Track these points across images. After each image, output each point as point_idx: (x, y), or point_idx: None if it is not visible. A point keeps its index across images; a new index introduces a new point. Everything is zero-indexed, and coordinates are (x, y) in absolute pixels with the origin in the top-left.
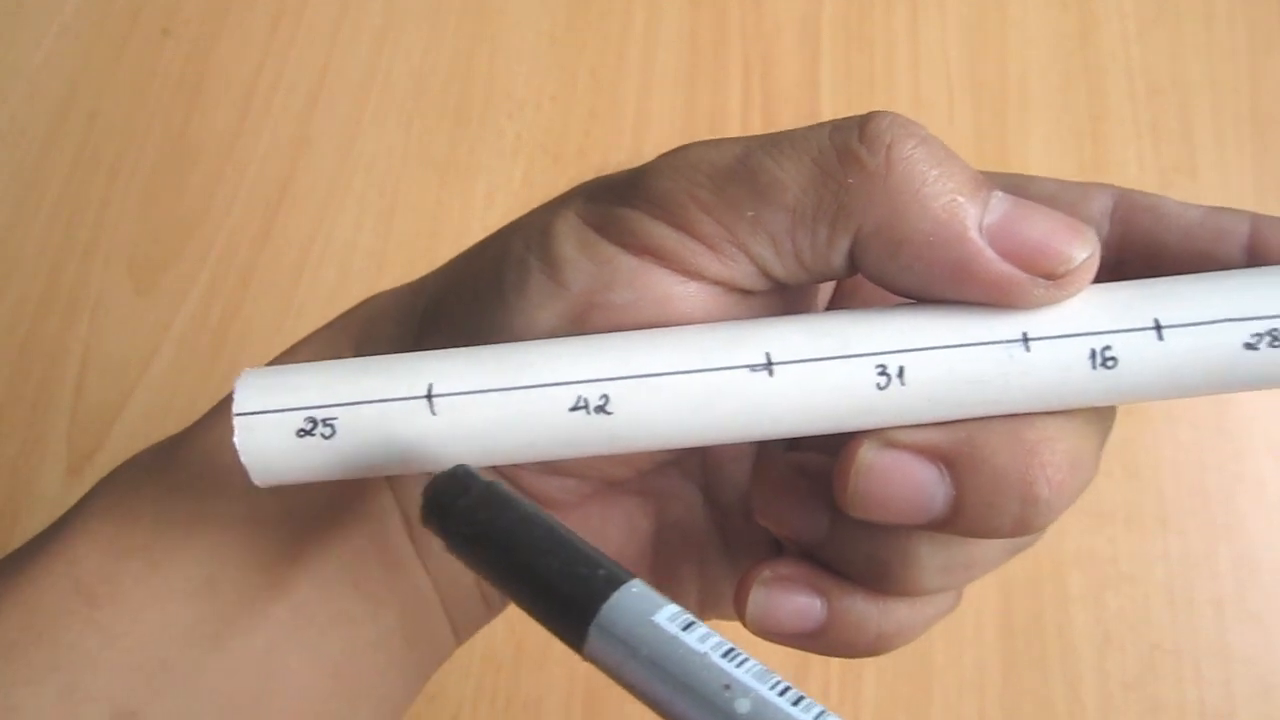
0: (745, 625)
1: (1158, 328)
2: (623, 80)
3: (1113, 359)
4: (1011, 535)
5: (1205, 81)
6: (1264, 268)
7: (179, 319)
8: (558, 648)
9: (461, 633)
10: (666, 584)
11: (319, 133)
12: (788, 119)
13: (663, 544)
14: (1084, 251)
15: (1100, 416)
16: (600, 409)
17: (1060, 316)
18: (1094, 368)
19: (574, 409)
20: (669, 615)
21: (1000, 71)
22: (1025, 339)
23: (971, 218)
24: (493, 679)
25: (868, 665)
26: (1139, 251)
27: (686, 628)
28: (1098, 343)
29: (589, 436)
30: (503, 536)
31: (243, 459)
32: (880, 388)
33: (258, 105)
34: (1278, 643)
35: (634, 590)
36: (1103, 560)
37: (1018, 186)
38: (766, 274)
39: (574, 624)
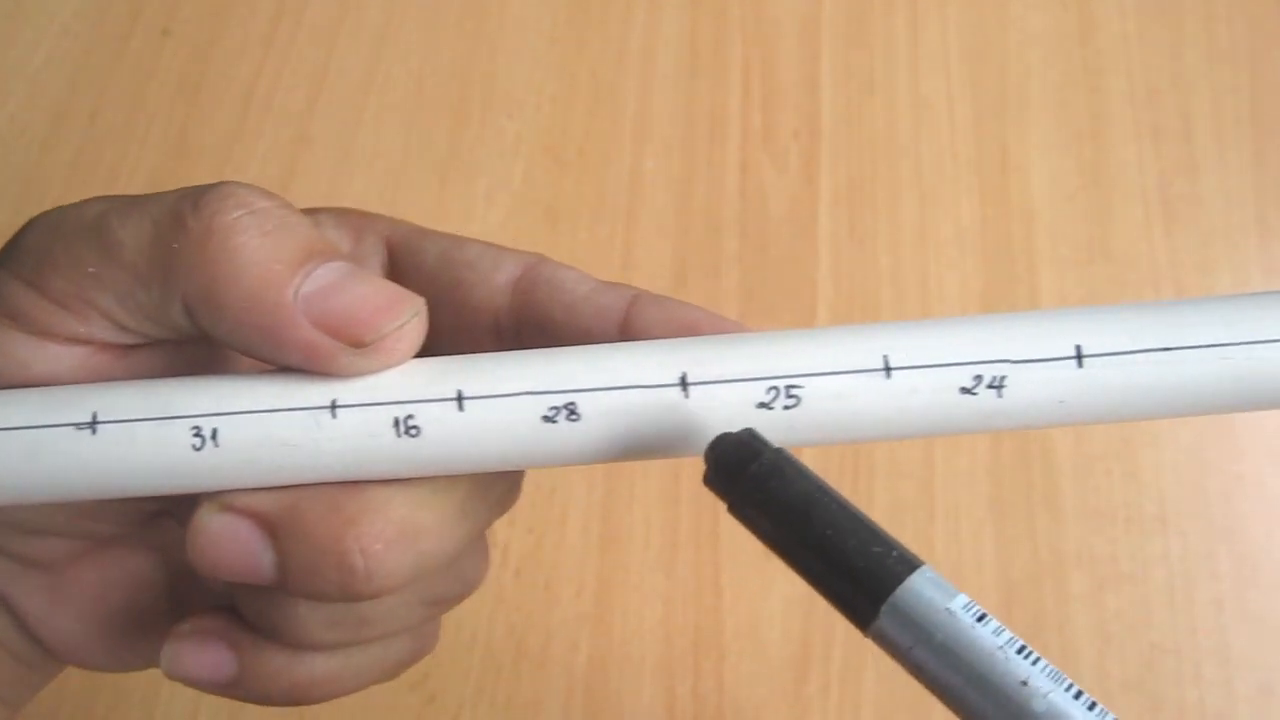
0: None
1: (459, 399)
2: (623, 80)
3: (415, 428)
4: (343, 600)
5: (1205, 81)
6: (572, 348)
7: None
8: (558, 649)
9: (12, 702)
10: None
11: (319, 133)
12: (788, 119)
13: (182, 592)
14: (394, 323)
15: (454, 485)
16: None
17: (371, 385)
18: (398, 436)
19: None
20: (963, 604)
21: (1000, 71)
22: (334, 406)
23: (287, 286)
24: (493, 679)
25: (868, 665)
26: (534, 323)
27: (980, 619)
28: (401, 411)
29: None
30: (795, 506)
31: None
32: (196, 449)
33: (258, 105)
34: (1278, 643)
35: (929, 575)
36: (1103, 560)
37: (444, 250)
38: (124, 330)
39: (865, 602)
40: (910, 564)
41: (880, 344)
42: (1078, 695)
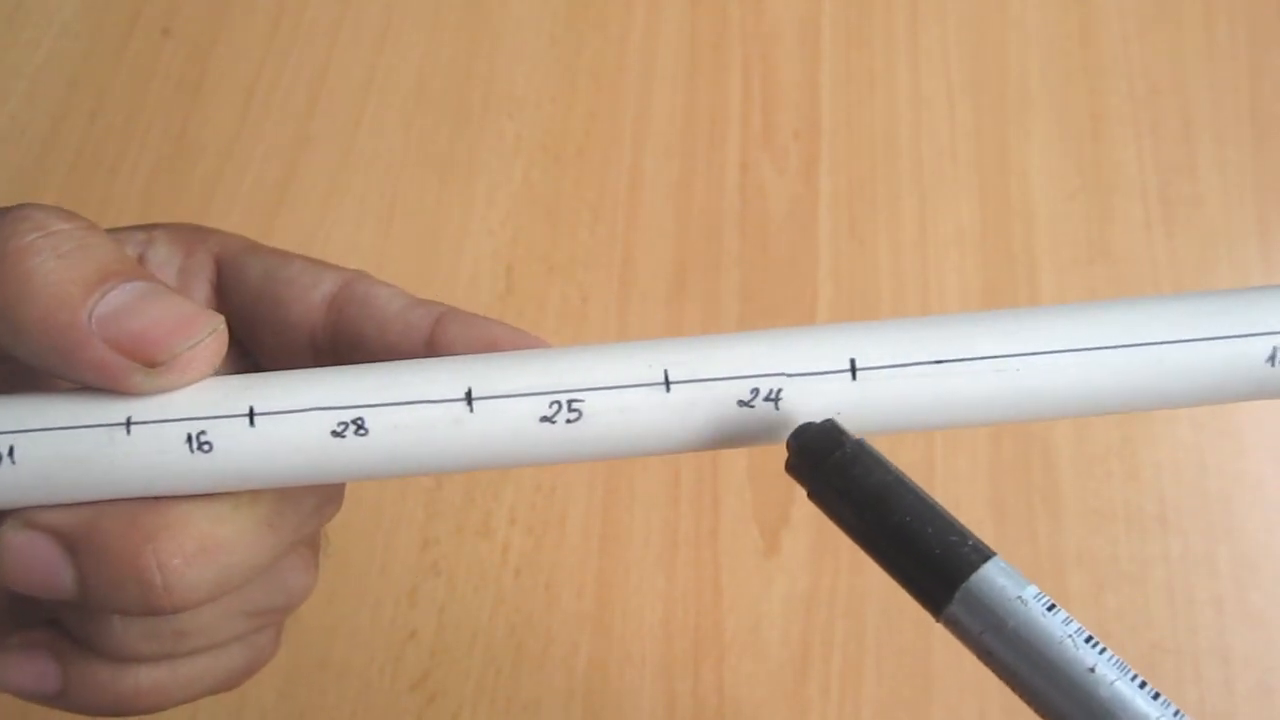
0: None
1: (251, 415)
2: (623, 80)
3: (208, 444)
4: (146, 614)
5: (1205, 81)
6: (363, 365)
7: None
8: (558, 649)
9: None
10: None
11: (319, 133)
12: (788, 119)
13: (20, 608)
14: (187, 342)
15: (257, 500)
16: None
17: (165, 402)
18: (191, 452)
19: None
20: (1034, 594)
21: (1000, 71)
22: (129, 423)
23: (81, 307)
24: (493, 680)
25: (868, 665)
26: (348, 340)
27: (1050, 609)
28: (194, 428)
29: None
30: (875, 495)
31: None
32: None
33: (258, 105)
34: (1278, 643)
35: (1001, 565)
36: (1103, 560)
37: (269, 267)
38: None
39: (940, 588)
40: (984, 554)
41: (660, 358)
42: (1142, 685)
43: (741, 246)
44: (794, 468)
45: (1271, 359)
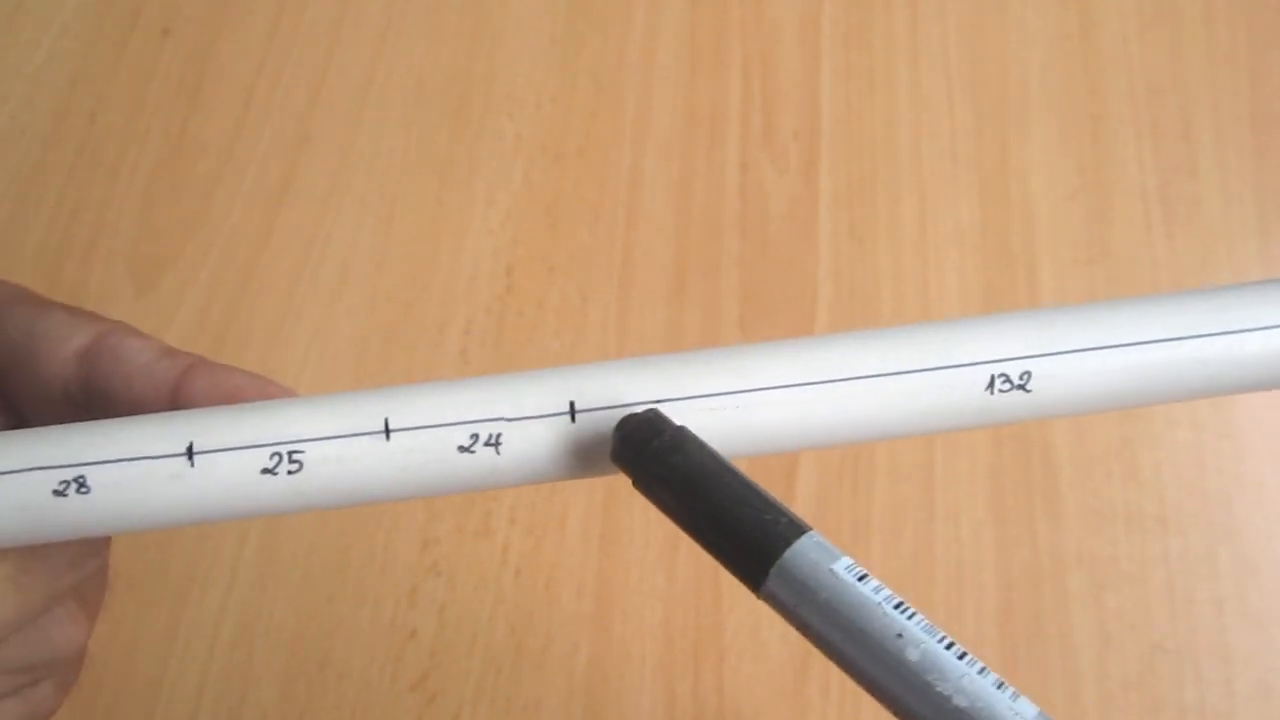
0: None
1: None
2: (623, 80)
3: None
4: None
5: (1205, 81)
6: (86, 422)
7: (179, 319)
8: (558, 649)
9: None
10: None
11: (319, 133)
12: (788, 119)
13: None
14: None
15: (2, 560)
16: None
17: None
18: None
19: None
20: (845, 565)
21: (1000, 71)
22: None
23: None
24: (493, 680)
25: None
26: (99, 394)
27: (861, 579)
28: None
29: None
30: (694, 479)
31: None
32: None
33: (258, 105)
34: (1278, 643)
35: (815, 539)
36: (1103, 560)
37: (27, 319)
38: None
39: (757, 565)
40: (799, 529)
41: (381, 406)
42: (949, 646)
43: (741, 246)
44: (618, 457)
45: (990, 386)
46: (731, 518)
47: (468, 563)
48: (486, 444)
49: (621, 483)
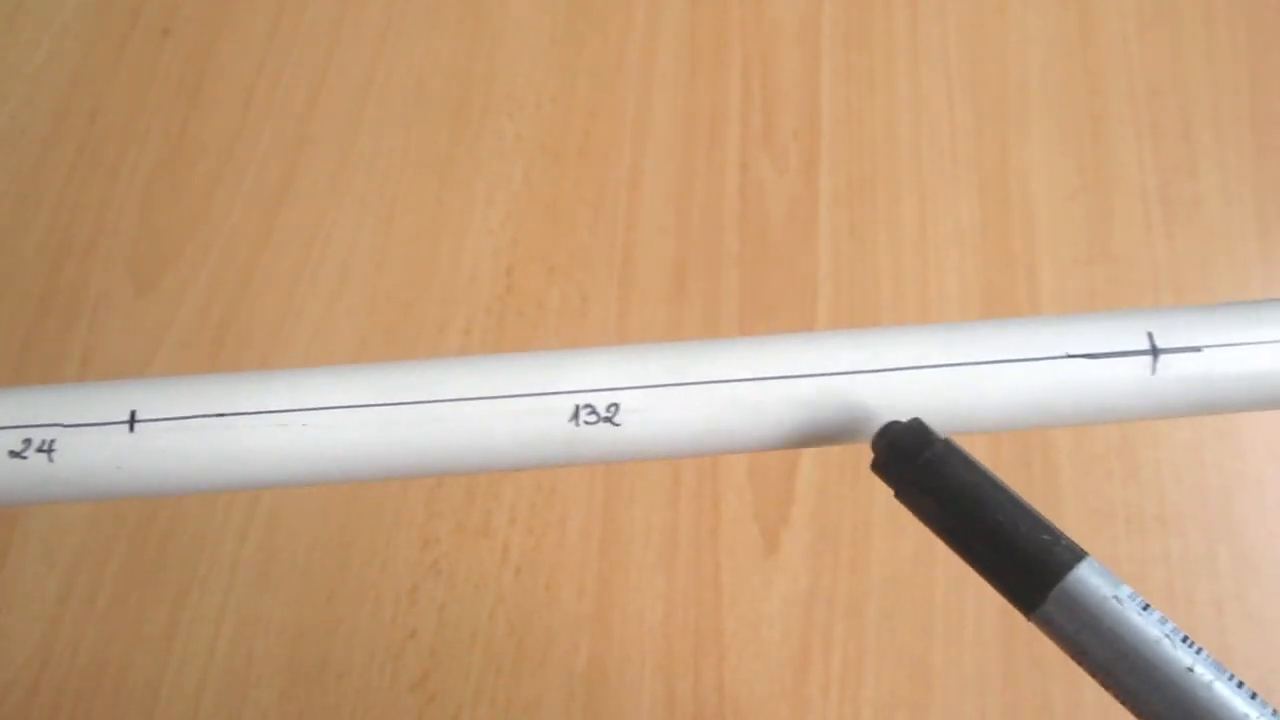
0: None
1: None
2: (623, 80)
3: None
4: None
5: (1205, 81)
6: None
7: (179, 319)
8: (558, 649)
9: None
10: None
11: (319, 133)
12: (788, 119)
13: None
14: None
15: None
16: None
17: None
18: None
19: None
20: (1129, 594)
21: (1000, 71)
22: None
23: None
24: (493, 680)
25: (868, 665)
26: None
27: (1145, 609)
28: None
29: None
30: (966, 494)
31: None
32: None
33: (258, 105)
34: (1278, 643)
35: (1096, 565)
36: (1103, 560)
37: None
38: None
39: (1034, 587)
40: (1077, 553)
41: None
42: (1240, 685)
43: (741, 246)
44: (881, 467)
45: (575, 417)
46: (1008, 536)
47: (468, 562)
48: (40, 450)
49: (622, 482)
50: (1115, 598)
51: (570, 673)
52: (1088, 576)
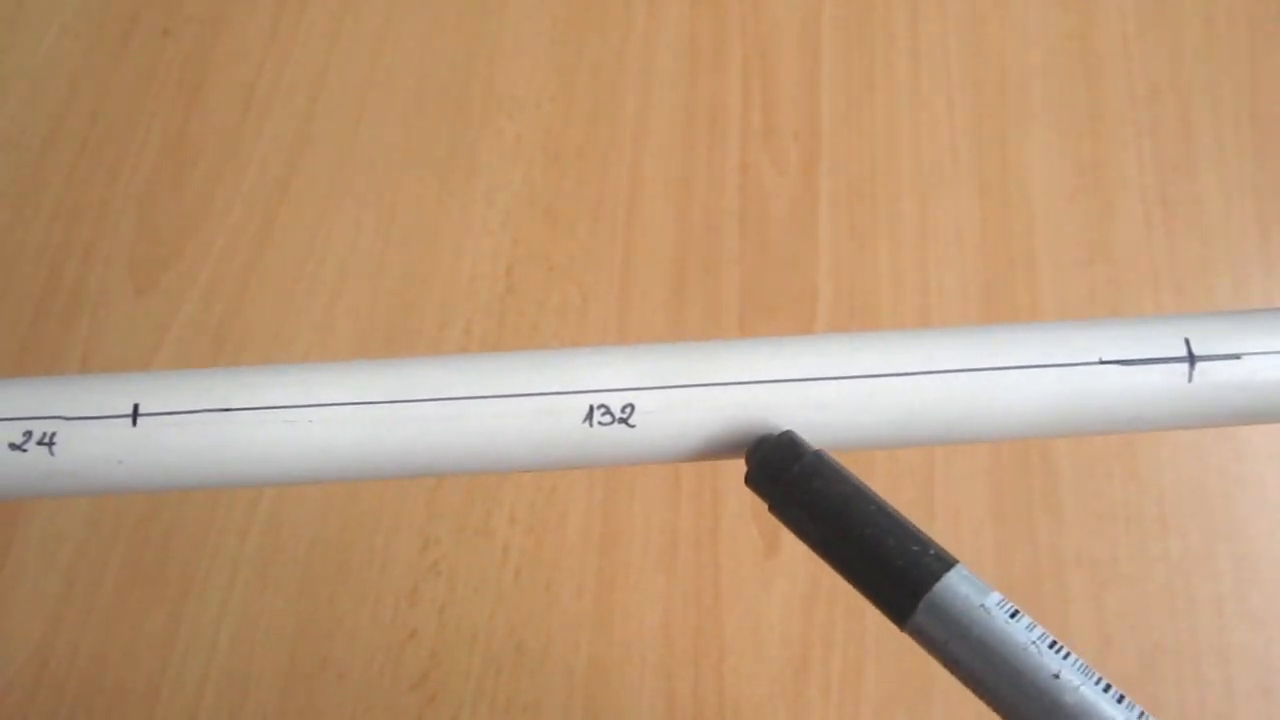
0: None
1: None
2: (623, 80)
3: None
4: None
5: (1205, 81)
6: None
7: (179, 319)
8: (558, 649)
9: None
10: None
11: (319, 133)
12: (788, 119)
13: None
14: None
15: None
16: None
17: None
18: None
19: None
20: (996, 601)
21: (1000, 71)
22: None
23: None
24: (493, 680)
25: (868, 665)
26: None
27: (1013, 615)
28: None
29: None
30: (836, 506)
31: None
32: None
33: (258, 105)
34: (1278, 643)
35: (963, 573)
36: (1103, 560)
37: None
38: None
39: (903, 598)
40: (946, 562)
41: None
42: (1107, 689)
43: (741, 246)
44: (753, 481)
45: (589, 418)
46: (878, 548)
47: (468, 563)
48: (40, 442)
49: (622, 482)
50: (983, 606)
51: (570, 673)
52: (956, 585)
